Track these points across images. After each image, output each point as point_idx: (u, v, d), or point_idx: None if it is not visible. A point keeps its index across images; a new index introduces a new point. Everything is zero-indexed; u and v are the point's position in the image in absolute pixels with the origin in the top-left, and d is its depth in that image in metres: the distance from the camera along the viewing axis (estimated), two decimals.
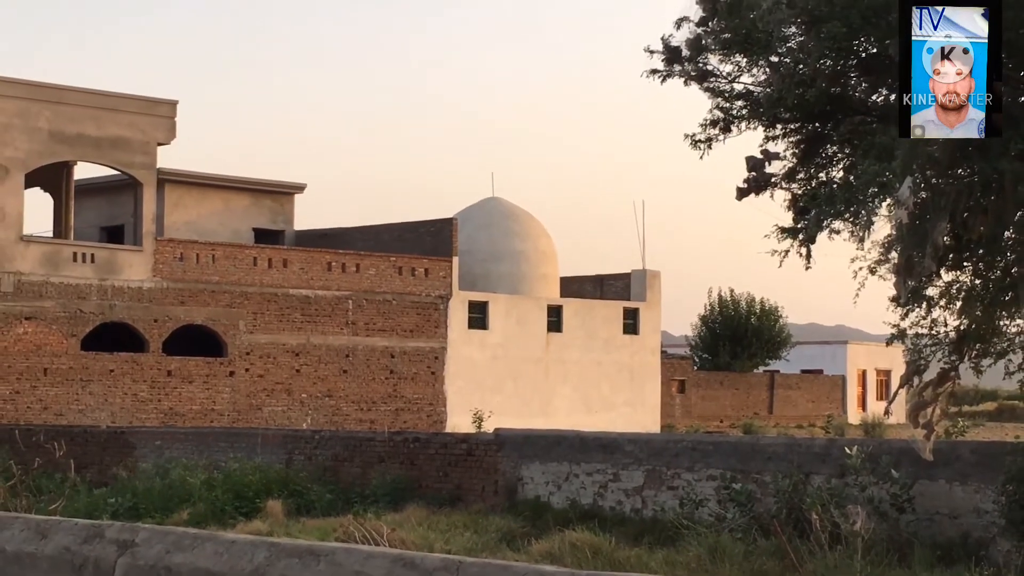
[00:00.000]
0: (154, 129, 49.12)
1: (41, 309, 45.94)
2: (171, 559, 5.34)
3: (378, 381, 52.75)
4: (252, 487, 23.88)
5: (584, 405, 54.78)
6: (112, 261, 47.93)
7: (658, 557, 16.25)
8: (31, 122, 46.28)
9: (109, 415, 44.80)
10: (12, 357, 44.96)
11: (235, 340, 49.64)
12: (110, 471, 27.92)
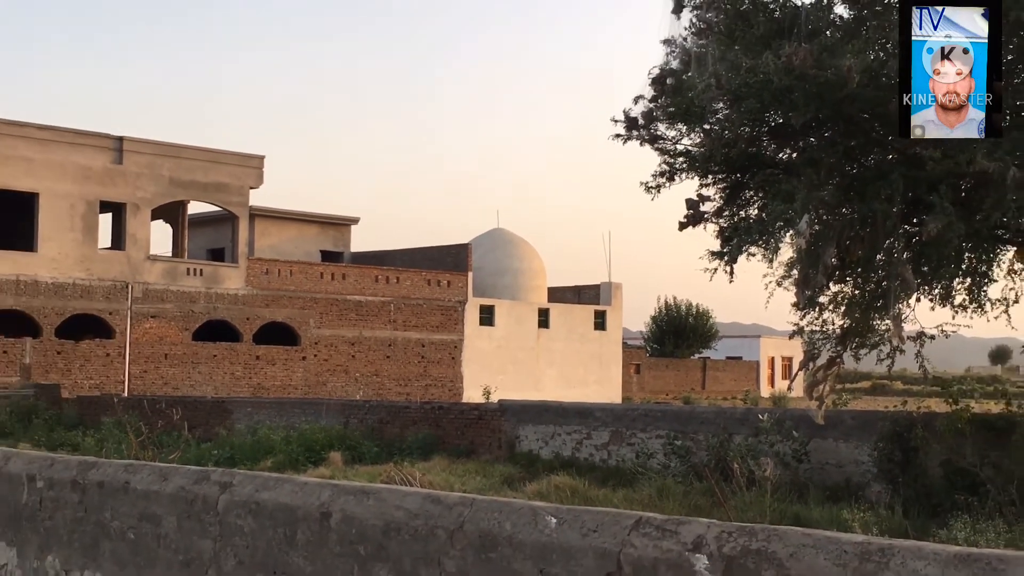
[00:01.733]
0: (247, 177, 49.23)
1: (163, 310, 46.00)
2: (259, 496, 5.36)
3: (412, 364, 52.82)
4: (318, 442, 23.89)
5: (565, 383, 54.84)
6: (215, 275, 48.02)
7: (620, 495, 16.29)
8: (156, 171, 46.39)
9: (213, 389, 44.86)
10: (141, 345, 45.04)
11: (306, 333, 49.71)
12: (213, 430, 27.96)
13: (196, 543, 5.52)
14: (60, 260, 43.69)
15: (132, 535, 5.87)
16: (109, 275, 44.87)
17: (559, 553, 4.05)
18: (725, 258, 14.86)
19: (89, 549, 6.13)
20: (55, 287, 43.41)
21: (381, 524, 4.70)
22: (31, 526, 6.54)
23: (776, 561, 3.52)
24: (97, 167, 44.83)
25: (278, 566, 5.09)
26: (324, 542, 4.91)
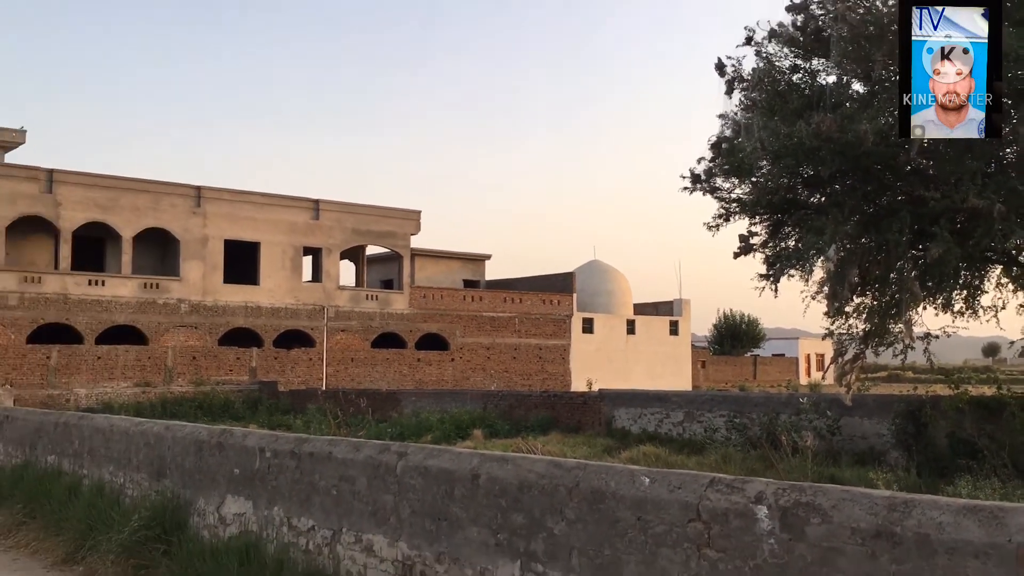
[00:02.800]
0: (408, 226, 49.94)
1: (349, 326, 46.86)
2: (426, 462, 5.43)
3: (532, 363, 52.78)
4: (464, 422, 24.04)
5: (648, 375, 54.19)
6: (387, 299, 48.77)
7: (693, 461, 16.02)
8: (343, 224, 47.40)
9: (386, 383, 45.48)
10: (334, 352, 45.94)
11: (454, 341, 50.09)
12: (388, 414, 28.35)
13: (381, 497, 5.62)
14: (275, 291, 44.94)
15: (335, 491, 6.00)
16: (310, 301, 45.96)
17: (652, 504, 4.03)
18: (771, 279, 14.62)
19: (304, 502, 6.28)
20: (272, 311, 44.64)
21: (517, 483, 4.73)
22: (262, 485, 6.72)
23: (821, 511, 3.44)
24: (300, 222, 46.04)
25: (441, 514, 5.15)
26: (475, 496, 4.95)
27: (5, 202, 37.97)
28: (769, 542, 3.55)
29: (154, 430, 8.52)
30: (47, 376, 37.66)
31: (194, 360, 41.79)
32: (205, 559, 6.57)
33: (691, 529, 3.83)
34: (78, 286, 39.44)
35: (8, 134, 42.92)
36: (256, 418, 30.59)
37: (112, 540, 7.49)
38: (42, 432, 11.23)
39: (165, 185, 42.58)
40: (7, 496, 10.56)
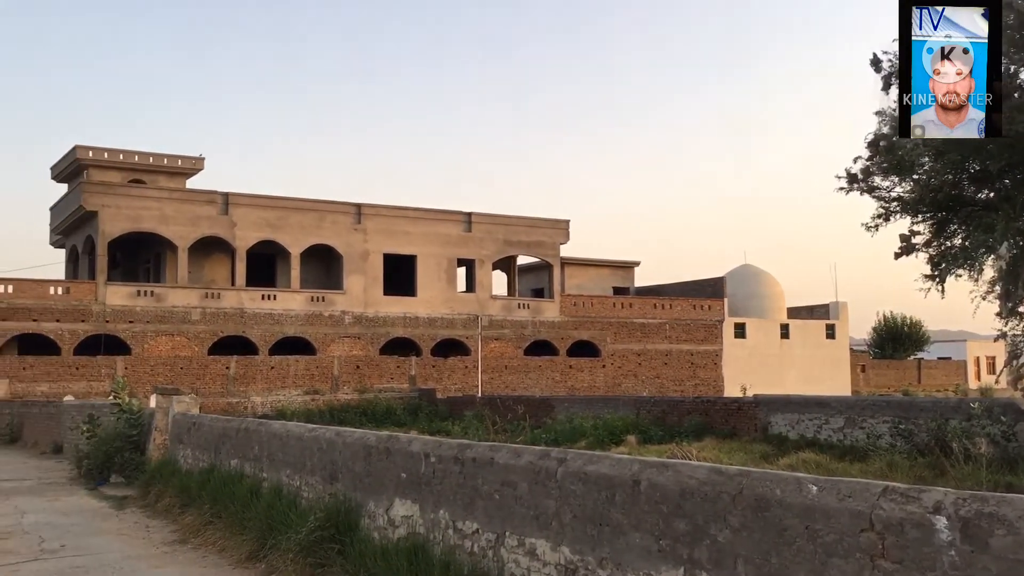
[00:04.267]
0: (557, 236, 50.20)
1: (502, 334, 47.50)
2: (586, 468, 5.43)
3: (684, 368, 51.96)
4: (618, 428, 23.85)
5: (804, 380, 52.32)
6: (538, 307, 49.14)
7: (856, 468, 15.34)
8: (494, 236, 48.14)
9: (539, 390, 45.81)
10: (488, 360, 46.65)
11: (605, 348, 49.94)
12: (542, 420, 28.50)
13: (542, 502, 5.65)
14: (432, 301, 46.08)
15: (497, 496, 6.08)
16: (465, 311, 46.86)
17: (820, 513, 3.89)
18: (936, 279, 13.89)
19: (468, 505, 6.39)
20: (429, 320, 45.78)
21: (678, 489, 4.66)
22: (427, 489, 6.89)
23: (1007, 522, 3.23)
24: (454, 235, 47.06)
25: (602, 519, 5.13)
26: (636, 502, 4.91)
27: (187, 224, 40.58)
28: (949, 554, 3.36)
29: (326, 436, 8.88)
30: (227, 385, 39.95)
31: (357, 369, 43.35)
32: (376, 559, 6.79)
33: (863, 539, 3.67)
34: (252, 301, 41.68)
35: (189, 162, 45.92)
36: (417, 424, 31.37)
37: (291, 540, 7.85)
38: (225, 437, 11.91)
39: (328, 204, 44.46)
40: (196, 497, 11.24)
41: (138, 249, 44.22)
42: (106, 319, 38.42)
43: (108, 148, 44.24)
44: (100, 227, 39.12)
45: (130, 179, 43.49)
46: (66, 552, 9.55)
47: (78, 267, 44.46)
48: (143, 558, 9.17)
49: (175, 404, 14.54)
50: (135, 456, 15.10)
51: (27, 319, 37.05)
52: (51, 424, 23.87)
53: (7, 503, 13.52)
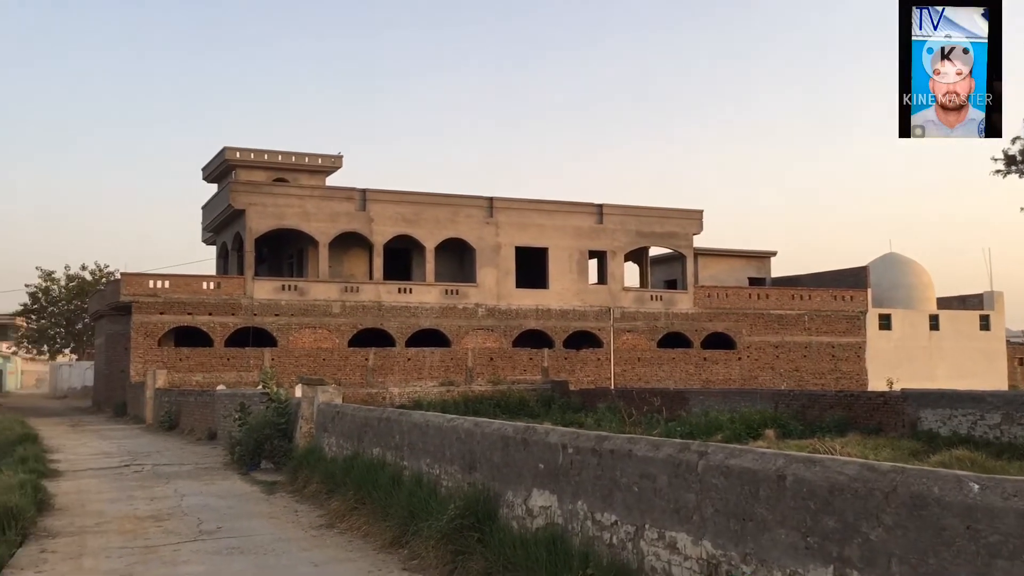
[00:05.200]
0: (690, 226, 49.41)
1: (635, 326, 47.16)
2: (727, 462, 5.33)
3: (825, 362, 50.28)
4: (755, 422, 23.28)
5: (955, 374, 49.72)
6: (671, 299, 48.55)
7: (1015, 467, 14.49)
8: (626, 227, 47.81)
9: (673, 382, 45.27)
10: (621, 352, 46.44)
11: (740, 340, 48.87)
12: (676, 413, 28.15)
13: (682, 495, 5.59)
14: (563, 294, 46.18)
15: (636, 488, 6.05)
16: (597, 303, 46.76)
17: (983, 512, 3.69)
18: None
19: (606, 497, 6.38)
20: (561, 313, 45.92)
21: (826, 485, 4.52)
22: (565, 480, 6.92)
23: None
24: (586, 227, 47.00)
25: (746, 514, 5.03)
26: (781, 497, 4.79)
27: (328, 220, 42.07)
28: None
29: (464, 426, 9.05)
30: (366, 375, 41.22)
31: (491, 360, 43.92)
32: (515, 548, 6.88)
33: None
34: (389, 294, 42.84)
35: (329, 160, 47.54)
36: (550, 416, 31.49)
37: (432, 527, 8.05)
38: (367, 426, 12.30)
39: (461, 198, 45.16)
40: (340, 483, 11.66)
41: (282, 245, 46.13)
42: (254, 312, 40.29)
43: (254, 149, 46.28)
44: (247, 225, 41.02)
45: (274, 178, 45.38)
46: (222, 534, 10.08)
47: (228, 263, 46.76)
48: (293, 541, 9.59)
49: (320, 394, 15.10)
50: (283, 443, 15.77)
51: (182, 313, 39.25)
52: (206, 412, 25.21)
53: (168, 486, 14.39)
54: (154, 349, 38.50)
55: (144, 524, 10.83)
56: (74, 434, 27.78)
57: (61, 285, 69.63)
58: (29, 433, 23.23)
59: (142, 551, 9.16)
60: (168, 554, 8.99)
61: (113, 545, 9.52)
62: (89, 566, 8.52)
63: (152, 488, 14.19)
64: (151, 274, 39.89)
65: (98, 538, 9.97)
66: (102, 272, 68.57)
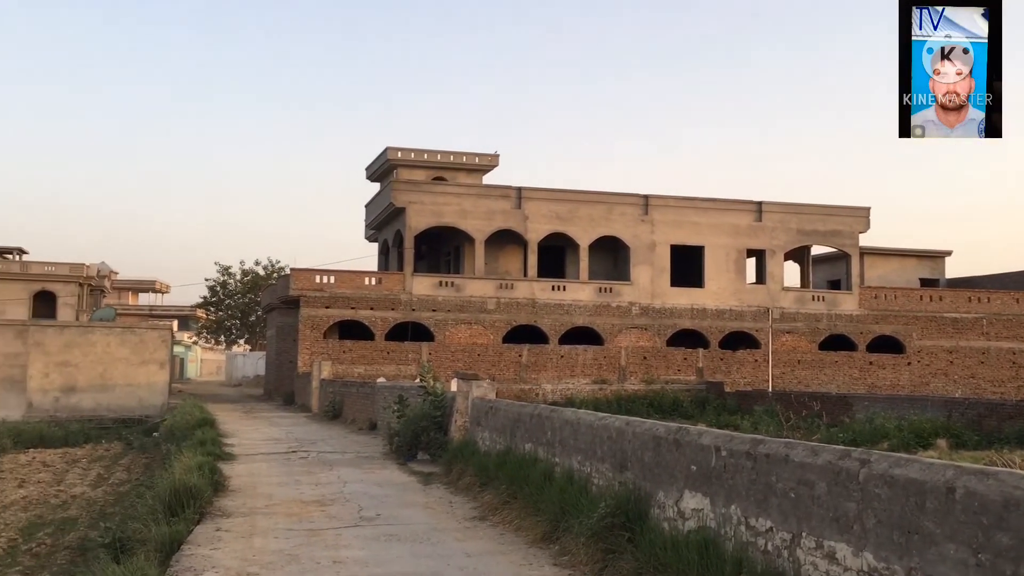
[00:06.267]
0: (856, 224, 47.35)
1: (795, 327, 45.65)
2: (892, 471, 5.11)
3: (1005, 369, 47.08)
4: (925, 430, 22.14)
5: None
6: (834, 300, 46.73)
7: None
8: (787, 225, 46.34)
9: (835, 387, 43.55)
10: (780, 354, 45.07)
11: (910, 344, 46.44)
12: (838, 418, 27.10)
13: (842, 504, 5.40)
14: (719, 293, 45.25)
15: (792, 495, 5.89)
16: (754, 303, 45.55)
17: None
18: None
19: (760, 502, 6.24)
20: (717, 312, 45.01)
21: (1000, 500, 4.26)
22: (718, 483, 6.80)
23: None
24: (743, 224, 45.86)
25: (911, 527, 4.81)
26: (950, 511, 4.55)
27: (484, 218, 42.84)
28: None
29: (615, 425, 9.03)
30: (519, 372, 41.75)
31: (644, 360, 43.55)
32: (666, 550, 6.82)
33: None
34: (543, 291, 43.21)
35: (485, 158, 48.40)
36: (704, 417, 31.00)
37: (582, 524, 8.08)
38: (520, 422, 12.47)
39: (616, 196, 44.99)
40: (493, 477, 11.88)
41: (440, 242, 47.32)
42: (412, 308, 41.54)
43: (414, 148, 47.69)
44: (407, 222, 42.33)
45: (433, 177, 46.62)
46: (381, 521, 10.47)
47: (388, 259, 48.40)
48: (447, 531, 9.84)
49: (474, 389, 15.42)
50: (439, 436, 16.20)
51: (346, 307, 40.93)
52: (366, 403, 26.21)
53: (331, 473, 15.06)
54: (320, 341, 40.32)
55: (309, 508, 11.38)
56: (247, 420, 29.48)
57: (237, 279, 74.00)
58: (207, 418, 24.85)
59: (307, 534, 9.63)
60: (331, 538, 9.42)
61: (280, 527, 10.06)
62: (259, 545, 9.03)
63: (317, 474, 14.89)
64: (318, 269, 41.83)
65: (267, 519, 10.56)
66: (274, 267, 72.42)
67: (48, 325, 39.77)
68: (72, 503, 16.75)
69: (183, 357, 76.69)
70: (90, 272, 64.97)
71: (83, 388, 36.84)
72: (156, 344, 38.52)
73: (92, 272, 65.69)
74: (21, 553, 12.50)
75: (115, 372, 37.27)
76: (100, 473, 21.07)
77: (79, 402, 36.59)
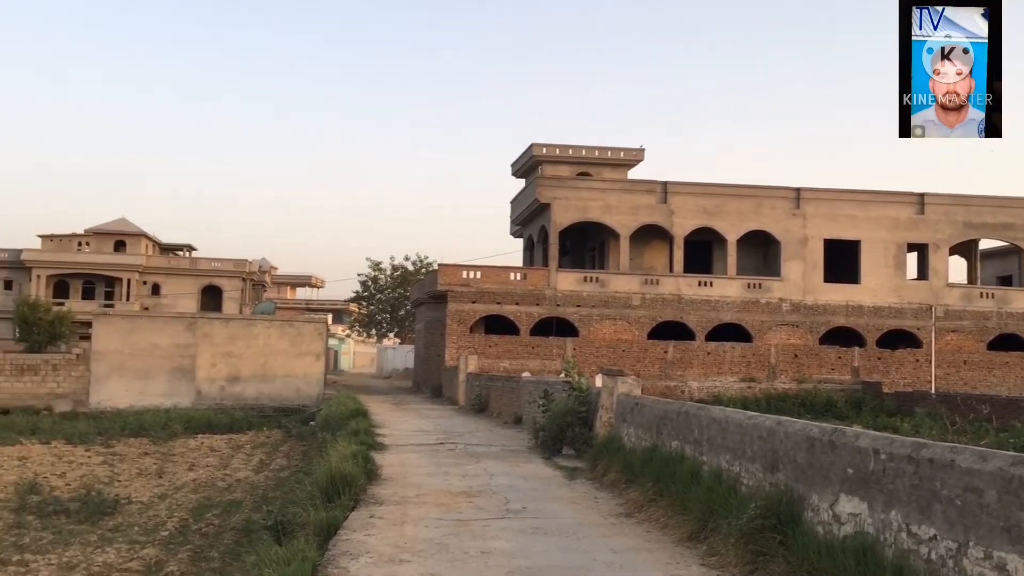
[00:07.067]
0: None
1: (960, 326, 43.24)
2: None
3: None
4: None
5: None
6: (1005, 297, 44.02)
7: None
8: (952, 218, 43.99)
9: (1006, 389, 40.97)
10: (944, 354, 42.84)
11: None
12: (1009, 422, 25.46)
13: (1015, 513, 5.10)
14: (877, 289, 43.35)
15: (958, 502, 5.61)
16: (916, 299, 43.41)
17: None
18: None
19: (923, 509, 5.97)
20: (874, 310, 43.14)
21: None
22: (877, 487, 6.55)
23: None
24: (903, 218, 43.77)
25: None
26: None
27: (629, 213, 42.59)
28: None
29: (766, 424, 8.81)
30: (664, 368, 41.29)
31: (795, 358, 42.24)
32: (820, 554, 6.62)
33: None
34: (689, 287, 42.56)
35: (630, 153, 48.09)
36: (860, 418, 29.80)
37: (731, 524, 7.93)
38: (666, 419, 12.34)
39: (765, 189, 43.81)
40: (639, 474, 11.81)
41: (584, 237, 47.34)
42: (557, 303, 41.75)
43: (559, 144, 47.89)
44: (552, 218, 42.56)
45: (578, 172, 46.67)
46: (527, 514, 10.60)
47: (533, 255, 48.81)
48: (593, 526, 9.87)
49: (619, 385, 15.37)
50: (583, 431, 16.24)
51: (492, 302, 41.56)
52: (511, 397, 26.54)
53: (478, 465, 15.35)
54: (466, 336, 41.12)
55: (457, 499, 11.64)
56: (397, 411, 30.40)
57: (387, 275, 76.37)
58: (360, 409, 25.79)
59: (455, 524, 9.87)
60: (479, 529, 9.61)
61: (430, 516, 10.34)
62: (410, 534, 9.32)
63: (464, 466, 15.21)
64: (465, 265, 42.66)
65: (417, 508, 10.88)
66: (422, 263, 74.34)
67: (215, 318, 42.25)
68: (237, 487, 17.75)
69: (337, 350, 79.76)
70: (252, 268, 68.62)
71: (246, 378, 38.93)
72: (312, 337, 40.26)
73: (254, 268, 69.36)
74: (191, 532, 13.34)
75: (275, 363, 39.19)
76: (262, 459, 22.22)
77: (242, 391, 38.68)
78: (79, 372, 37.31)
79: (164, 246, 69.85)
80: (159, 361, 38.11)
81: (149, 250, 66.44)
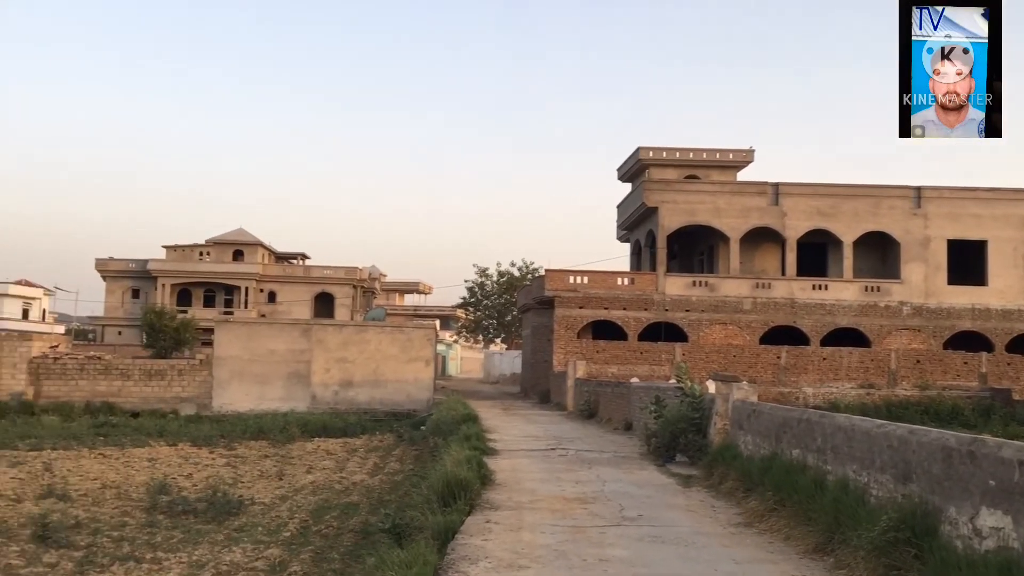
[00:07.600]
0: None
1: None
2: None
3: None
4: None
5: None
6: None
7: None
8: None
9: None
10: None
11: None
12: None
13: None
14: (1006, 291, 41.31)
15: None
16: None
17: None
18: None
19: None
20: (1003, 313, 41.11)
21: None
22: (1022, 500, 6.20)
23: None
24: None
25: None
26: None
27: (739, 216, 41.77)
28: None
29: (897, 433, 8.46)
30: (777, 374, 40.26)
31: (917, 363, 40.60)
32: (960, 569, 6.31)
33: None
34: (803, 290, 41.43)
35: (740, 155, 47.18)
36: (989, 427, 28.34)
37: (861, 537, 7.64)
38: (786, 427, 11.99)
39: (883, 188, 42.33)
40: (758, 483, 11.52)
41: (693, 241, 46.64)
42: (665, 308, 41.24)
43: (666, 147, 47.34)
44: (660, 222, 42.09)
45: (685, 175, 46.04)
46: (642, 522, 10.47)
47: (640, 259, 48.36)
48: (711, 536, 9.67)
49: (735, 391, 15.04)
50: (697, 438, 15.96)
51: (599, 307, 41.37)
52: (621, 403, 26.32)
53: (590, 471, 15.26)
54: (574, 341, 41.03)
55: (571, 505, 11.59)
56: (505, 416, 30.54)
57: (494, 281, 76.96)
58: (470, 414, 26.01)
59: (571, 530, 9.82)
60: (595, 536, 9.54)
61: (545, 522, 10.32)
62: (527, 540, 9.32)
63: (576, 472, 15.14)
64: (571, 270, 42.59)
65: (532, 514, 10.87)
66: (528, 268, 74.62)
67: (328, 324, 43.35)
68: (353, 489, 18.12)
69: (445, 355, 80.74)
70: (363, 275, 70.24)
71: (358, 383, 39.80)
72: (422, 342, 40.86)
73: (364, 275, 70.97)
74: (312, 533, 13.68)
75: (386, 368, 39.94)
76: (376, 463, 22.64)
77: (355, 396, 39.55)
78: (202, 377, 38.86)
79: (279, 255, 72.19)
80: (276, 366, 39.34)
81: (265, 259, 68.79)
